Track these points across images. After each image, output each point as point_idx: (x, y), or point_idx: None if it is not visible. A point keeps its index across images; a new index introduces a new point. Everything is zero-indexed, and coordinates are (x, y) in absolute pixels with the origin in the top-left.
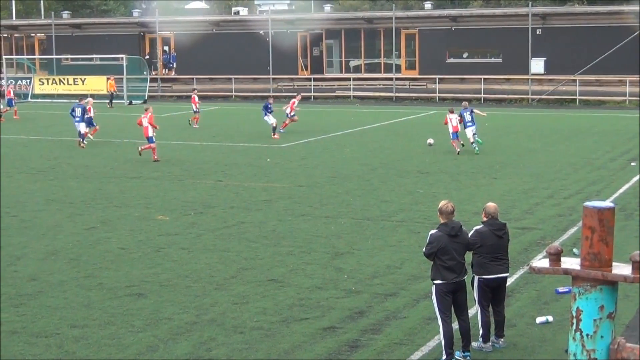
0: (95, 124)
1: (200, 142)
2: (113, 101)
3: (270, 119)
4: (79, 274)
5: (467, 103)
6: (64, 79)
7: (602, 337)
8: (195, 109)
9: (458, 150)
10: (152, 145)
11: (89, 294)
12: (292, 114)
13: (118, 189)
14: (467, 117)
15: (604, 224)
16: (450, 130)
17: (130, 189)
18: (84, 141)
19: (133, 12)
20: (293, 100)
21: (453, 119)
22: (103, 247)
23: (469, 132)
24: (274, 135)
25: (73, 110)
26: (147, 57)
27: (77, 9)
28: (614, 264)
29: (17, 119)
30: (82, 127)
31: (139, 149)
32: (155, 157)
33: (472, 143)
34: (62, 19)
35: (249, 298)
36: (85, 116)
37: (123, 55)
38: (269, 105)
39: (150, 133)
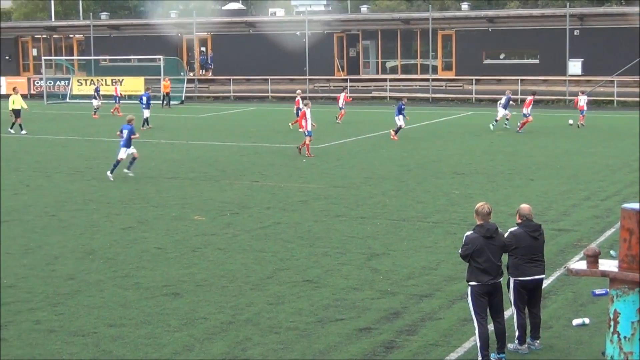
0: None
1: (237, 143)
2: (167, 103)
3: (400, 121)
4: (116, 274)
5: (405, 99)
6: (102, 79)
7: None
8: (341, 106)
9: (578, 124)
10: (306, 139)
11: (126, 294)
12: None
13: (155, 189)
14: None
15: None
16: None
17: (167, 189)
18: (148, 125)
19: (171, 13)
20: (530, 98)
21: (581, 100)
22: (140, 246)
23: (401, 119)
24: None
25: (140, 99)
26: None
27: (116, 10)
28: None
29: (120, 115)
30: (147, 113)
31: (303, 149)
32: (308, 152)
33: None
34: (100, 20)
35: (284, 298)
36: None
37: (160, 56)
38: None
39: (306, 127)
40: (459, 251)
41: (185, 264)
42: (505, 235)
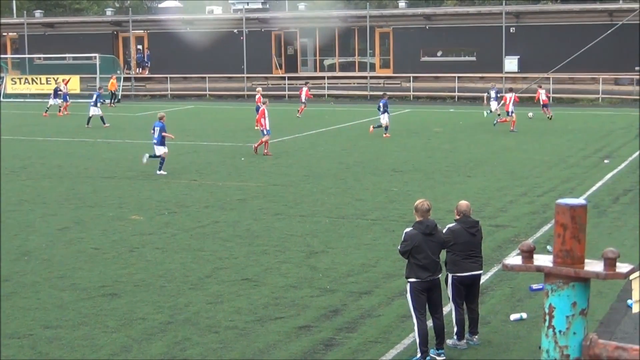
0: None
1: (174, 142)
2: (109, 100)
3: (384, 119)
4: (52, 275)
5: (384, 94)
6: (36, 78)
7: (574, 333)
8: (303, 100)
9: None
10: (263, 138)
11: (62, 295)
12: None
13: (91, 188)
14: (381, 107)
15: (576, 221)
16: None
17: (104, 189)
18: (104, 123)
19: (106, 10)
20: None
21: (542, 94)
22: (76, 247)
23: (384, 118)
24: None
25: (91, 96)
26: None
27: (50, 8)
28: (586, 260)
29: (67, 114)
30: (93, 111)
31: (260, 149)
32: (260, 150)
33: (379, 127)
34: (34, 18)
35: (223, 297)
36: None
37: (96, 55)
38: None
39: (265, 125)
40: (399, 248)
41: (122, 264)
42: (444, 231)
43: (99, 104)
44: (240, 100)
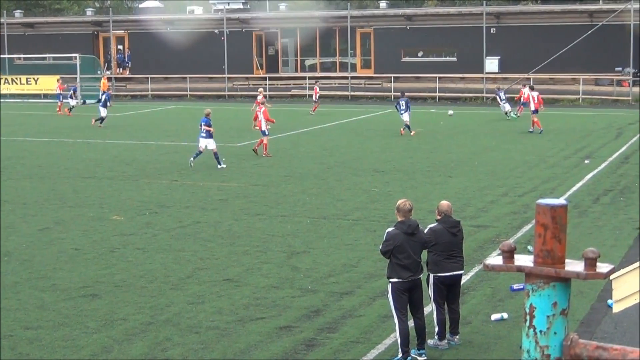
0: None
1: (155, 142)
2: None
3: (405, 117)
4: (33, 275)
5: (404, 93)
6: (16, 78)
7: (555, 333)
8: (315, 99)
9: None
10: (263, 139)
11: (43, 295)
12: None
13: (72, 189)
14: (403, 105)
15: (556, 221)
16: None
17: (85, 189)
18: (101, 123)
19: (87, 11)
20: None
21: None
22: (57, 247)
23: (406, 116)
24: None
25: (100, 98)
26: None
27: (30, 8)
28: (567, 260)
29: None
30: (104, 112)
31: (254, 147)
32: (265, 152)
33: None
34: (14, 18)
35: (204, 298)
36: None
37: (76, 55)
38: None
39: (264, 127)
40: (380, 247)
41: (103, 264)
42: (425, 231)
43: (108, 105)
44: (221, 100)
